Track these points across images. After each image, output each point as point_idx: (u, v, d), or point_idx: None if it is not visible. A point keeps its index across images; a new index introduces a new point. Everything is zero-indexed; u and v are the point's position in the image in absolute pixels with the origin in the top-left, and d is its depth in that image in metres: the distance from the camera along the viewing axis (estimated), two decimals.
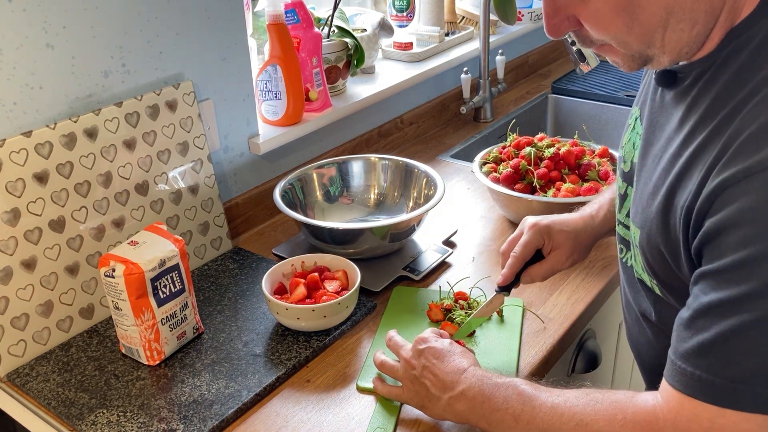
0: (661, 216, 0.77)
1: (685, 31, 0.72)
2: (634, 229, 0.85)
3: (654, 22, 0.71)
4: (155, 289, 1.03)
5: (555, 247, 1.06)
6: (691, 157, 0.73)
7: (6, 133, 1.04)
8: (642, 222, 0.82)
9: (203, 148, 1.29)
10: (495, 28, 2.13)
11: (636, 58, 0.77)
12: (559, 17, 0.75)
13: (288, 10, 1.45)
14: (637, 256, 0.86)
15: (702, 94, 0.75)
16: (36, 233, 1.06)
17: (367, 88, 1.70)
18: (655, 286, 0.85)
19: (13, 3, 1.01)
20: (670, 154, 0.77)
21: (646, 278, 0.86)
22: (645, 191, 0.82)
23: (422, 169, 1.41)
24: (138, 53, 1.19)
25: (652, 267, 0.82)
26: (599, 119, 2.12)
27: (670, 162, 0.77)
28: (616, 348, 1.47)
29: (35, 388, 1.02)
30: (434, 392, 0.89)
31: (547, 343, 1.10)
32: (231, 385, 1.01)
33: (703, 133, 0.72)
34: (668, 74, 0.80)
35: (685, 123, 0.76)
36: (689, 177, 0.72)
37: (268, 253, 1.36)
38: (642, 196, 0.82)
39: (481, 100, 1.97)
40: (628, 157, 0.92)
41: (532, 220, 1.07)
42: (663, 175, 0.78)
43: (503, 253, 1.08)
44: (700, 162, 0.71)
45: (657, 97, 0.85)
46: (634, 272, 0.89)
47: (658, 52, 0.74)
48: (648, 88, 0.90)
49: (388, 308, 1.18)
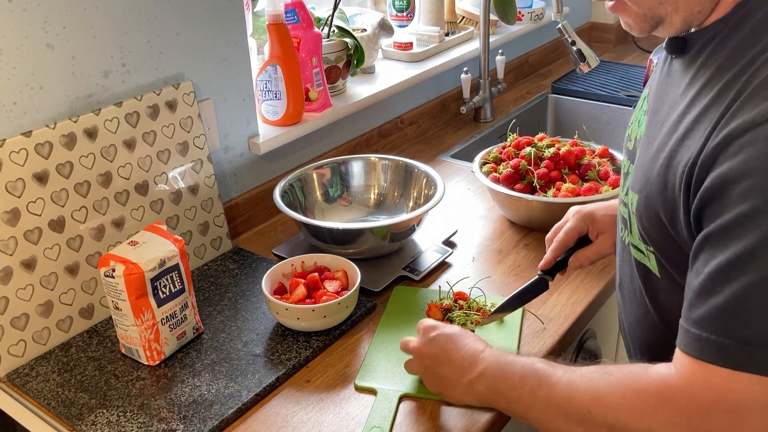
0: (662, 177, 0.76)
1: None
2: (632, 195, 0.84)
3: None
4: (155, 289, 1.03)
5: (601, 232, 1.07)
6: (697, 116, 0.73)
7: (6, 133, 1.04)
8: (641, 186, 0.81)
9: (203, 148, 1.29)
10: (495, 28, 2.13)
11: (648, 18, 0.78)
12: None
13: (288, 10, 1.45)
14: (634, 225, 0.85)
15: (711, 56, 0.75)
16: (36, 233, 1.06)
17: (367, 88, 1.70)
18: (651, 255, 0.84)
19: (13, 3, 1.01)
20: (674, 117, 0.77)
21: (642, 247, 0.85)
22: (647, 156, 0.81)
23: (422, 169, 1.41)
24: (138, 53, 1.19)
25: (648, 233, 0.82)
26: (599, 119, 2.12)
27: (674, 124, 0.77)
28: (616, 348, 1.47)
29: (35, 388, 1.02)
30: (452, 377, 0.91)
31: (547, 343, 1.10)
32: (231, 385, 1.01)
33: (711, 93, 0.72)
34: (678, 42, 0.81)
35: (692, 85, 0.76)
36: (693, 135, 0.72)
37: (268, 253, 1.36)
38: (644, 162, 0.82)
39: (481, 100, 1.97)
40: (633, 134, 0.92)
41: (576, 207, 1.10)
42: (666, 137, 0.78)
43: (548, 240, 1.11)
44: (705, 120, 0.71)
45: (665, 68, 0.86)
46: (630, 248, 0.89)
47: (670, 10, 0.75)
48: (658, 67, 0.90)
49: (388, 308, 1.18)
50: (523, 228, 1.42)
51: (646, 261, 0.86)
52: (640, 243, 0.85)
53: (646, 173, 0.80)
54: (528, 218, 1.39)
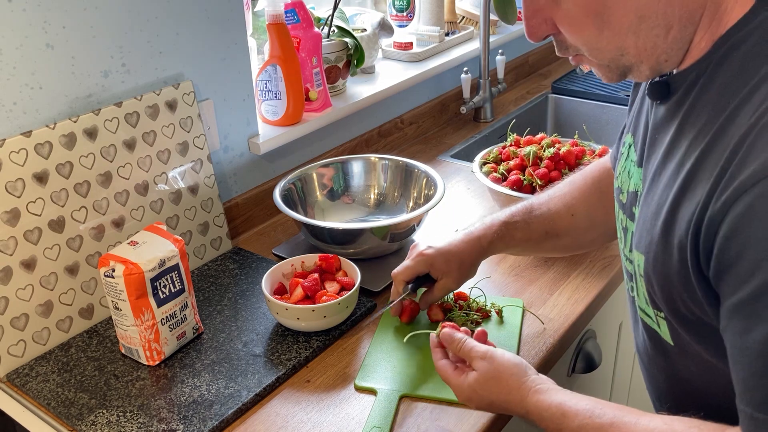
0: (666, 235, 0.72)
1: (660, 37, 0.70)
2: (638, 256, 0.79)
3: (624, 26, 0.69)
4: (155, 289, 1.02)
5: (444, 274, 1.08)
6: (694, 166, 0.68)
7: (6, 133, 1.04)
8: (646, 247, 0.76)
9: (203, 148, 1.29)
10: (495, 28, 2.13)
11: (612, 68, 0.75)
12: (536, 20, 0.75)
13: (288, 10, 1.45)
14: (641, 288, 0.80)
15: (699, 97, 0.71)
16: (36, 233, 1.06)
17: (367, 88, 1.70)
18: (662, 322, 0.80)
19: (13, 3, 1.01)
20: (671, 170, 0.73)
21: (651, 312, 0.81)
22: (648, 214, 0.77)
23: (422, 169, 1.41)
24: (138, 53, 1.18)
25: (658, 297, 0.77)
26: (599, 119, 2.12)
27: (672, 177, 0.72)
28: (616, 348, 1.46)
29: (35, 388, 1.02)
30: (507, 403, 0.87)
31: (547, 343, 1.10)
32: (231, 386, 1.01)
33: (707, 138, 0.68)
34: (660, 86, 0.77)
35: (683, 133, 0.72)
36: (694, 188, 0.68)
37: (268, 253, 1.36)
38: (645, 220, 0.77)
39: (481, 100, 1.97)
40: (624, 187, 0.87)
41: (419, 248, 1.10)
42: (665, 191, 0.73)
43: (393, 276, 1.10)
44: (705, 169, 0.66)
45: (651, 117, 0.81)
46: (637, 306, 0.85)
47: (634, 61, 0.73)
48: (639, 111, 0.87)
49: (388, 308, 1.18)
50: None
51: (656, 328, 0.82)
52: (648, 308, 0.81)
53: (650, 232, 0.75)
54: None
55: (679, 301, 0.73)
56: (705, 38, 0.70)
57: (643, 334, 0.87)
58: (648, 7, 0.68)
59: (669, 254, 0.72)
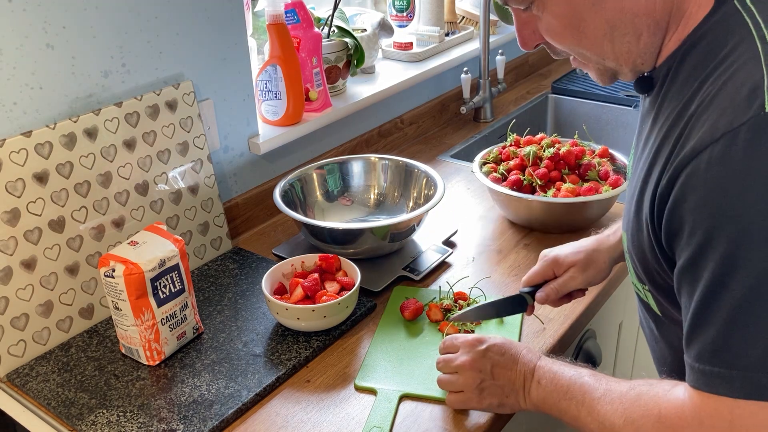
0: (638, 214, 0.79)
1: (632, 43, 0.77)
2: (624, 234, 0.86)
3: (599, 35, 0.76)
4: (155, 289, 1.03)
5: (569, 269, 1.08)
6: (655, 151, 0.76)
7: (6, 133, 1.04)
8: (626, 225, 0.84)
9: (203, 148, 1.29)
10: (495, 28, 2.13)
11: (603, 72, 0.82)
12: (526, 31, 0.82)
13: (288, 10, 1.45)
14: (629, 264, 0.87)
15: (668, 90, 0.78)
16: (36, 233, 1.06)
17: (367, 88, 1.70)
18: (648, 294, 0.86)
19: (13, 3, 1.01)
20: (645, 155, 0.80)
21: (639, 286, 0.87)
22: (628, 195, 0.85)
23: (422, 169, 1.41)
24: (138, 53, 1.18)
25: (641, 272, 0.83)
26: (599, 119, 2.12)
27: (645, 160, 0.79)
28: (616, 348, 1.47)
29: (35, 388, 1.02)
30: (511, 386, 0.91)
31: (547, 343, 1.10)
32: (231, 385, 1.01)
33: (666, 126, 0.75)
34: (644, 80, 0.83)
35: (656, 121, 0.79)
36: (654, 170, 0.75)
37: (268, 253, 1.36)
38: (627, 201, 0.85)
39: (481, 100, 1.97)
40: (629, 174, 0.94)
41: (545, 251, 1.10)
42: (638, 173, 0.80)
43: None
44: (662, 153, 0.74)
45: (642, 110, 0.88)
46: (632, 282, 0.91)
47: (614, 65, 0.79)
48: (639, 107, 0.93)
49: (388, 308, 1.18)
50: (523, 228, 1.42)
51: (647, 300, 0.88)
52: (638, 282, 0.87)
53: (629, 211, 0.83)
54: (528, 218, 1.39)
55: (656, 273, 0.80)
56: (673, 39, 0.77)
57: (640, 308, 0.94)
58: (617, 18, 0.75)
59: (641, 230, 0.78)
